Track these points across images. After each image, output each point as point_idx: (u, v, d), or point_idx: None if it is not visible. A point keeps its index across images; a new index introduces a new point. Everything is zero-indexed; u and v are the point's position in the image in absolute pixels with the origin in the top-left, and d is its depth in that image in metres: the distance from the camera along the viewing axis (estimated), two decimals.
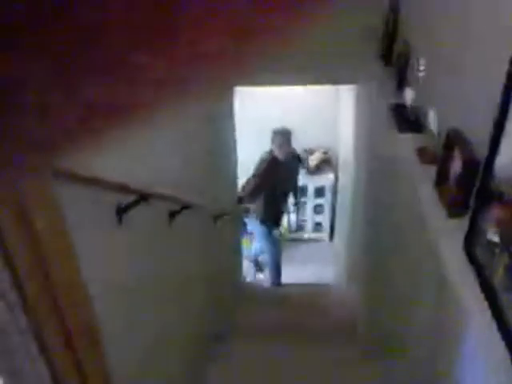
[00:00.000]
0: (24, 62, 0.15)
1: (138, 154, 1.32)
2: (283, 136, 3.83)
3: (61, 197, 0.80)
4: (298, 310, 3.63)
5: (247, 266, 4.85)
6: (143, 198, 1.29)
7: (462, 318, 1.22)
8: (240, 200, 3.89)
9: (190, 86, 0.18)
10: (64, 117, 0.17)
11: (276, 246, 4.42)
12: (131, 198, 1.25)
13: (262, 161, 3.88)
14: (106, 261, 1.16)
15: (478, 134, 1.37)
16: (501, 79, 1.15)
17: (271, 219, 4.15)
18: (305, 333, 2.96)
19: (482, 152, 1.32)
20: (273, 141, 3.83)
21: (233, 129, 3.83)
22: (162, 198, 1.55)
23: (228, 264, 3.91)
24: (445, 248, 1.39)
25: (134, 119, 0.18)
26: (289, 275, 4.75)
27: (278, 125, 4.82)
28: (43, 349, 0.72)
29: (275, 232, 4.27)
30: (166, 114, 0.19)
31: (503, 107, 1.15)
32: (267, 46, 0.17)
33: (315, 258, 4.44)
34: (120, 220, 1.19)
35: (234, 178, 4.04)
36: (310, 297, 4.27)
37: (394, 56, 2.47)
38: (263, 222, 4.13)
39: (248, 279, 4.77)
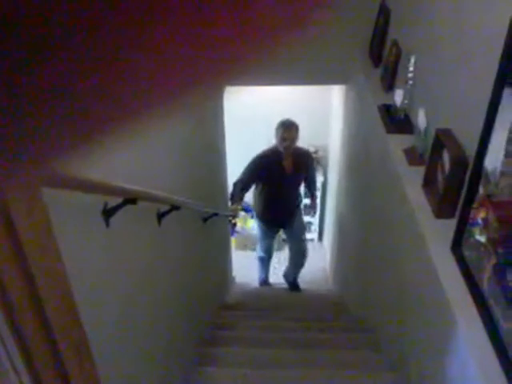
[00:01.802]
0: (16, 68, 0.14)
1: (126, 155, 1.31)
2: (287, 128, 3.39)
3: (46, 199, 0.79)
4: (288, 313, 3.63)
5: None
6: (130, 199, 1.28)
7: (451, 319, 1.23)
8: (231, 196, 3.62)
9: (179, 86, 0.18)
10: (51, 119, 0.16)
11: (272, 248, 4.26)
12: (118, 200, 1.24)
13: (257, 155, 3.55)
14: (92, 264, 1.15)
15: (467, 135, 1.38)
16: (491, 80, 1.16)
17: (270, 218, 3.84)
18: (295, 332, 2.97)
19: (470, 153, 1.33)
20: (276, 133, 3.45)
21: (222, 129, 3.82)
22: (150, 199, 1.54)
23: (217, 264, 3.90)
24: (433, 248, 1.40)
25: (119, 119, 0.18)
26: (277, 275, 4.76)
27: (267, 123, 4.83)
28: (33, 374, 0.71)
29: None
30: (155, 114, 0.18)
31: (492, 108, 1.16)
32: (259, 46, 0.17)
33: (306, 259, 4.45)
34: (107, 222, 1.18)
35: (223, 178, 4.03)
36: (300, 298, 4.28)
37: (383, 56, 2.47)
38: (262, 220, 3.89)
39: (237, 279, 4.77)
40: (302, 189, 4.08)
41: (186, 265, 2.49)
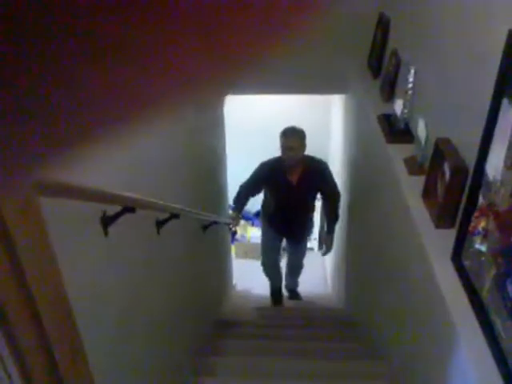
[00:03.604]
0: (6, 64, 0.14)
1: (125, 162, 1.31)
2: (289, 137, 3.04)
3: (43, 208, 0.79)
4: (287, 322, 3.61)
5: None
6: (129, 207, 1.27)
7: (451, 329, 1.22)
8: (234, 200, 3.47)
9: (179, 94, 0.17)
10: (45, 123, 0.16)
11: (276, 254, 4.00)
12: (117, 208, 1.23)
13: (261, 162, 3.29)
14: (91, 273, 1.14)
15: (467, 145, 1.38)
16: (490, 90, 1.16)
17: (277, 224, 3.58)
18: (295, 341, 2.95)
19: (470, 162, 1.33)
20: (279, 142, 3.11)
21: (222, 138, 3.82)
22: (149, 207, 1.54)
23: (217, 272, 3.88)
24: (433, 259, 1.39)
25: (119, 127, 0.18)
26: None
27: (267, 133, 4.84)
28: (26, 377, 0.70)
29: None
30: (154, 122, 0.18)
31: (491, 118, 1.16)
32: (259, 54, 0.17)
33: (304, 267, 4.42)
34: (105, 231, 1.18)
35: (223, 187, 4.03)
36: (300, 307, 4.25)
37: (383, 66, 2.48)
38: (270, 225, 3.64)
39: (238, 288, 4.74)
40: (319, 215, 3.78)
41: (186, 273, 2.47)
